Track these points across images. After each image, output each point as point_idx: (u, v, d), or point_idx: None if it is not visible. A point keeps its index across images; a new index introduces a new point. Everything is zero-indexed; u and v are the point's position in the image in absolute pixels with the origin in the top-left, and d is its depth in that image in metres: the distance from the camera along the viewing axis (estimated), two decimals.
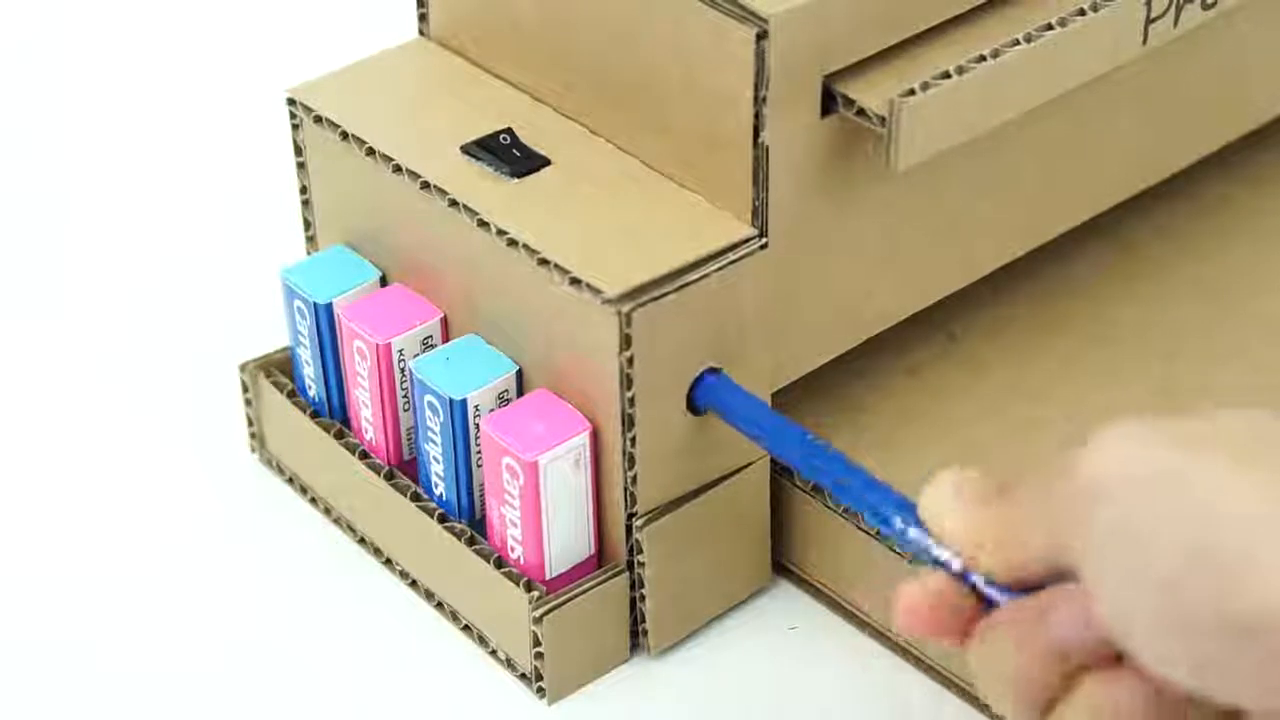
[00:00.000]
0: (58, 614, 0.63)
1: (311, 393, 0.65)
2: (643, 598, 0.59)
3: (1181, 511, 0.42)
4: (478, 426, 0.59)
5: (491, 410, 0.59)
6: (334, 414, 0.65)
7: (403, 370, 0.61)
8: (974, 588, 0.46)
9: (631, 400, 0.56)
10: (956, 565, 0.47)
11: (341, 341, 0.62)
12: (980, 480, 0.48)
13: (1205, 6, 0.61)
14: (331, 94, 0.63)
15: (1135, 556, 0.42)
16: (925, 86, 0.55)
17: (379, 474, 0.62)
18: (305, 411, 0.65)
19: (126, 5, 0.92)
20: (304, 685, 0.60)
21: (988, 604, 0.46)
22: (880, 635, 0.61)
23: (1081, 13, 0.58)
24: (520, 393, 0.59)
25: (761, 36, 0.54)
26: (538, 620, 0.58)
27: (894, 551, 0.58)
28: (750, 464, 0.60)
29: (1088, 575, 0.43)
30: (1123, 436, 0.43)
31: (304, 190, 0.65)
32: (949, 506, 0.47)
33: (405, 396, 0.62)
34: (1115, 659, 0.44)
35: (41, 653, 0.61)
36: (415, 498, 0.62)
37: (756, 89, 0.55)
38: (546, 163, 0.59)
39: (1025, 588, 0.46)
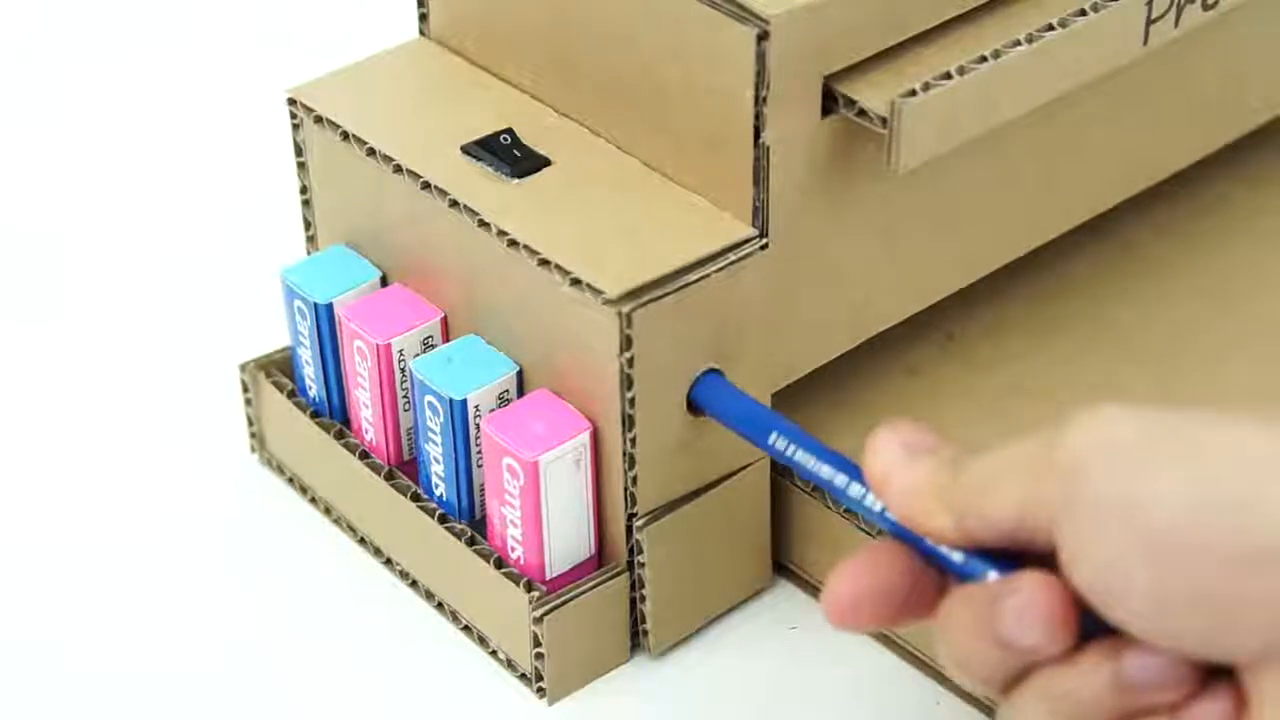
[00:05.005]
0: (58, 614, 0.63)
1: (311, 393, 0.65)
2: (643, 598, 0.59)
3: (1179, 461, 0.42)
4: (478, 426, 0.59)
5: (492, 410, 0.59)
6: (334, 414, 0.65)
7: (403, 370, 0.61)
8: (931, 557, 0.47)
9: (631, 400, 0.56)
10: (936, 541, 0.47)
11: (341, 341, 0.62)
12: (922, 430, 0.48)
13: (1206, 7, 0.61)
14: (331, 94, 0.63)
15: (1131, 513, 0.42)
16: (926, 87, 0.55)
17: (379, 474, 0.62)
18: (305, 411, 0.65)
19: (126, 5, 0.92)
20: (304, 685, 0.60)
21: (946, 572, 0.47)
22: (880, 635, 0.61)
23: (1082, 13, 0.58)
24: (520, 393, 0.59)
25: (762, 37, 0.54)
26: (538, 620, 0.58)
27: None
28: (750, 464, 0.60)
29: (1070, 545, 0.43)
30: (1105, 411, 0.43)
31: (304, 190, 0.65)
32: (898, 462, 0.47)
33: (405, 396, 0.62)
34: (1073, 649, 0.44)
35: (42, 652, 0.61)
36: (415, 498, 0.61)
37: (757, 89, 0.55)
38: (546, 163, 0.59)
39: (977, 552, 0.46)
